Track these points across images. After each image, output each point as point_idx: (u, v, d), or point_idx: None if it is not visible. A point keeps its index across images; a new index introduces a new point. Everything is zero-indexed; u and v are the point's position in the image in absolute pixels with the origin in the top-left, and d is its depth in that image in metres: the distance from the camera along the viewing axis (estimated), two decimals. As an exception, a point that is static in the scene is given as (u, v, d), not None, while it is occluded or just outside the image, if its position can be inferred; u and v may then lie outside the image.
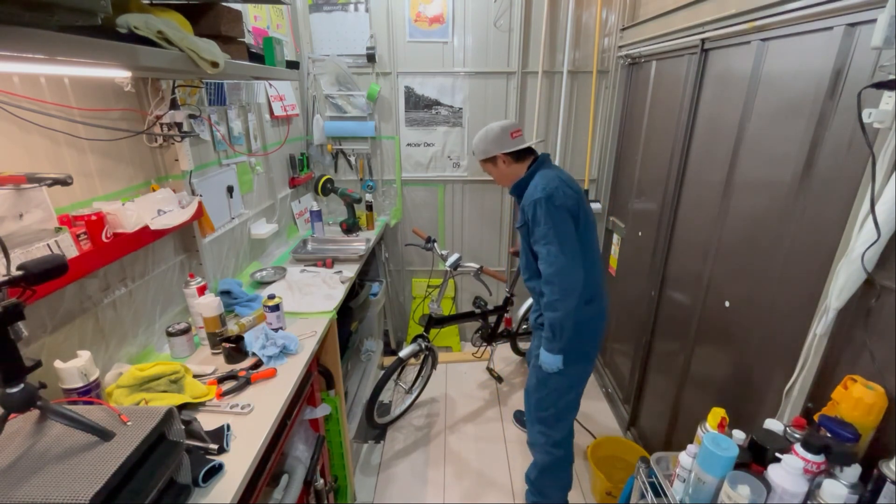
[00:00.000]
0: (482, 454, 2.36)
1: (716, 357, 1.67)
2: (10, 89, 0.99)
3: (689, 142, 1.84)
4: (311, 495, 1.58)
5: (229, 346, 1.38)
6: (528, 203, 1.56)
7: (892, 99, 0.90)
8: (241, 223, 2.00)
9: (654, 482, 1.16)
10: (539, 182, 1.58)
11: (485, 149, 1.70)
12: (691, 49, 1.81)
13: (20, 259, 0.88)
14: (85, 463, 0.74)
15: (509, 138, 1.66)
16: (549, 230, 1.52)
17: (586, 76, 2.72)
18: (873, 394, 0.94)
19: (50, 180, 0.97)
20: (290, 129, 2.54)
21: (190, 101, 1.59)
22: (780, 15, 1.30)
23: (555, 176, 1.60)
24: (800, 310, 1.23)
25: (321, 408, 1.65)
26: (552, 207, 1.51)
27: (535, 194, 1.55)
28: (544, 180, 1.58)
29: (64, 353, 1.09)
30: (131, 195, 1.35)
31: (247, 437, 1.08)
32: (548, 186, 1.54)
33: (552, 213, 1.52)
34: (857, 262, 0.95)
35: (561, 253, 1.52)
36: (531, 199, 1.54)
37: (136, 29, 0.85)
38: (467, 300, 3.24)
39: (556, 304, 1.55)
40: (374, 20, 2.63)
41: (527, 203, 1.56)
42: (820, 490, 0.89)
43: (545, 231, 1.52)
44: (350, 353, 2.72)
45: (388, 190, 3.01)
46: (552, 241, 1.52)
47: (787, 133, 1.31)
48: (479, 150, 1.72)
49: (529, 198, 1.56)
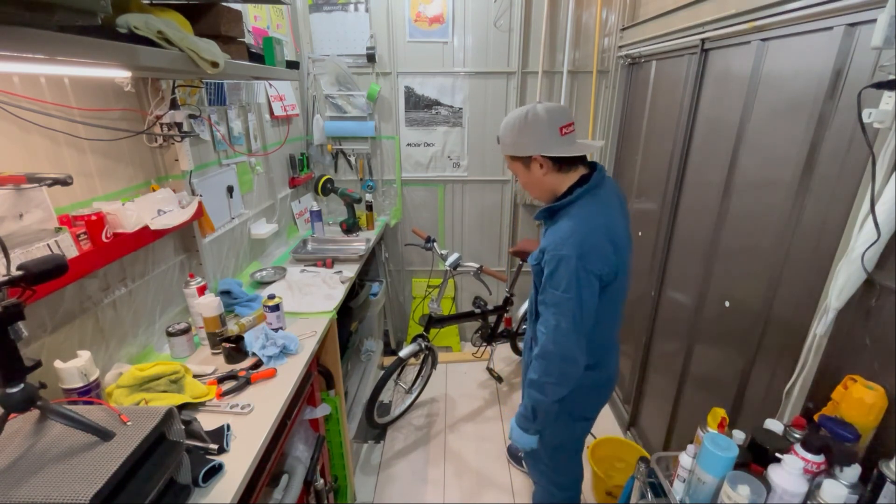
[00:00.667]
0: (482, 454, 2.36)
1: (716, 357, 1.67)
2: (10, 89, 0.99)
3: (689, 142, 1.84)
4: (311, 495, 1.58)
5: (229, 346, 1.38)
6: (552, 254, 1.17)
7: (892, 99, 0.90)
8: (241, 223, 2.00)
9: (654, 482, 1.16)
10: (577, 228, 1.17)
11: (517, 142, 1.23)
12: (691, 49, 1.81)
13: (20, 259, 0.88)
14: (85, 463, 0.74)
15: (557, 135, 1.19)
16: (569, 301, 1.16)
17: (586, 76, 2.72)
18: (873, 394, 0.94)
19: (50, 180, 0.97)
20: (290, 129, 2.54)
21: (190, 101, 1.59)
22: (780, 15, 1.30)
23: (601, 223, 1.19)
24: (800, 310, 1.23)
25: (321, 408, 1.65)
26: (582, 271, 1.14)
27: (563, 247, 1.15)
28: (585, 226, 1.17)
29: (64, 353, 1.09)
30: (131, 195, 1.35)
31: (247, 437, 1.08)
32: (585, 241, 1.15)
33: (580, 280, 1.15)
34: (857, 262, 0.95)
35: (572, 330, 1.18)
36: (557, 252, 1.16)
37: (136, 29, 0.85)
38: (467, 300, 3.24)
39: (546, 387, 1.26)
40: (374, 20, 2.63)
41: (551, 253, 1.18)
42: (820, 490, 0.89)
43: (561, 298, 1.17)
44: (350, 353, 2.72)
45: (388, 190, 3.01)
46: (566, 312, 1.17)
47: (787, 133, 1.30)
48: (509, 143, 1.25)
49: (555, 248, 1.17)
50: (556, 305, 1.19)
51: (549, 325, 1.21)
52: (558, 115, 1.20)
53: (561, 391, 1.27)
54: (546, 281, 1.21)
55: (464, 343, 3.35)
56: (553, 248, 1.18)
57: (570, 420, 1.44)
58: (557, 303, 1.19)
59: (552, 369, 1.24)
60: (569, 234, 1.17)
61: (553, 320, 1.20)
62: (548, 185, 1.27)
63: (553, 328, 1.20)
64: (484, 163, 2.95)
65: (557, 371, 1.24)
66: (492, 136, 2.87)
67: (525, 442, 1.38)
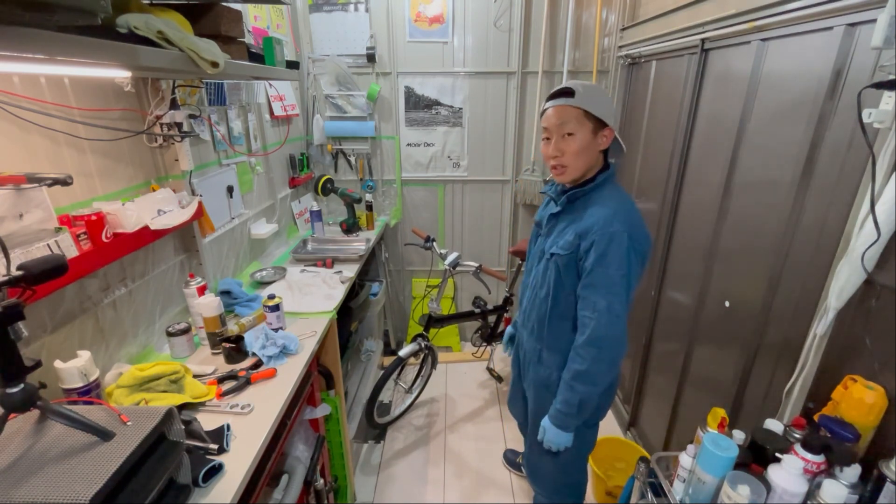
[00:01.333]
0: (482, 453, 2.36)
1: (716, 357, 1.67)
2: (10, 89, 0.99)
3: (689, 142, 1.84)
4: (311, 495, 1.58)
5: (229, 346, 1.38)
6: (599, 232, 1.16)
7: (892, 99, 0.90)
8: (241, 223, 2.00)
9: (654, 482, 1.16)
10: (618, 207, 1.19)
11: (608, 110, 1.21)
12: (691, 49, 1.81)
13: (20, 259, 0.88)
14: (85, 463, 0.74)
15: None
16: (623, 279, 1.15)
17: (586, 76, 2.72)
18: (873, 394, 0.94)
19: (50, 180, 0.97)
20: (290, 129, 2.54)
21: (190, 101, 1.59)
22: (780, 15, 1.30)
23: (632, 205, 1.22)
24: (800, 310, 1.23)
25: (321, 408, 1.65)
26: (633, 251, 1.15)
27: (613, 224, 1.16)
28: (624, 207, 1.20)
29: (64, 353, 1.09)
30: (131, 195, 1.35)
31: (247, 437, 1.08)
32: (631, 218, 1.17)
33: (631, 258, 1.15)
34: (857, 262, 0.95)
35: (624, 313, 1.17)
36: (607, 229, 1.15)
37: (136, 29, 0.85)
38: (467, 299, 3.23)
39: (600, 376, 1.22)
40: (374, 20, 2.63)
41: (597, 231, 1.16)
42: (820, 490, 0.89)
43: (617, 278, 1.15)
44: (350, 353, 2.72)
45: (388, 190, 3.01)
46: (621, 293, 1.15)
47: (787, 133, 1.30)
48: (598, 102, 1.20)
49: (604, 226, 1.16)
50: (610, 285, 1.15)
51: (601, 307, 1.17)
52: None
53: (611, 377, 1.24)
54: (595, 263, 1.17)
55: (464, 343, 3.35)
56: (601, 226, 1.16)
57: (585, 428, 1.41)
58: (611, 282, 1.15)
59: (604, 356, 1.19)
60: (612, 212, 1.17)
61: (604, 301, 1.16)
62: (594, 160, 1.25)
63: (605, 310, 1.16)
64: (484, 163, 2.95)
65: (609, 357, 1.20)
66: (492, 137, 2.88)
67: (562, 441, 1.32)
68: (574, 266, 1.23)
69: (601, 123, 1.21)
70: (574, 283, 1.25)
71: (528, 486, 2.15)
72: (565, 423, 1.30)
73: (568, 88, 1.20)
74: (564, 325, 1.32)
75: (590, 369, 1.22)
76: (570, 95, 1.20)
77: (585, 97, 1.19)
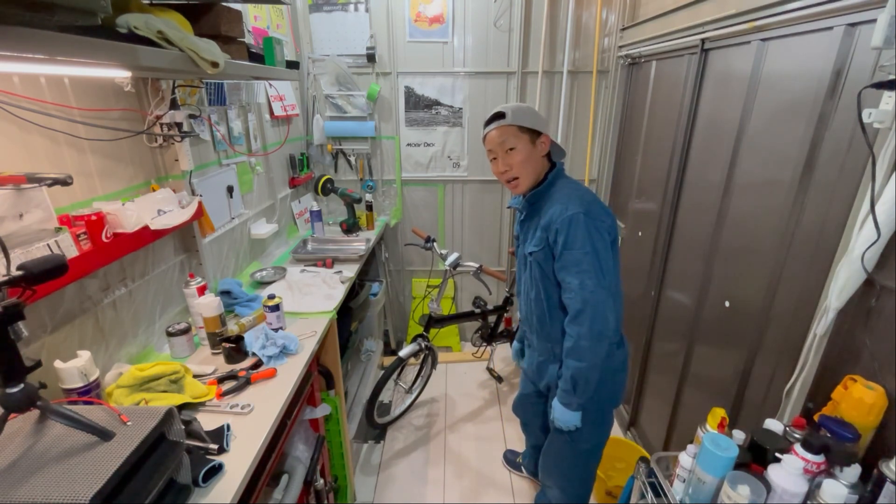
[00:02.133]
0: (482, 453, 2.36)
1: (716, 357, 1.67)
2: (10, 89, 0.99)
3: (689, 142, 1.84)
4: (311, 495, 1.58)
5: (229, 346, 1.38)
6: (559, 220, 1.26)
7: (892, 99, 0.90)
8: (241, 223, 2.00)
9: (654, 482, 1.16)
10: (571, 193, 1.29)
11: (536, 121, 1.34)
12: (691, 49, 1.81)
13: (20, 259, 0.88)
14: (85, 463, 0.74)
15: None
16: (587, 255, 1.22)
17: (586, 76, 2.72)
18: (873, 394, 0.94)
19: (50, 180, 0.97)
20: (290, 129, 2.54)
21: (190, 101, 1.59)
22: (780, 15, 1.30)
23: (586, 189, 1.33)
24: (800, 310, 1.23)
25: (321, 408, 1.65)
26: (592, 227, 1.23)
27: (568, 209, 1.25)
28: (577, 192, 1.30)
29: (64, 353, 1.09)
30: (131, 195, 1.35)
31: (247, 437, 1.08)
32: (584, 199, 1.27)
33: (592, 235, 1.23)
34: (857, 262, 0.95)
35: (599, 286, 1.23)
36: (564, 214, 1.25)
37: (136, 29, 0.85)
38: (467, 300, 3.24)
39: (584, 351, 1.28)
40: (374, 20, 2.63)
41: (557, 220, 1.26)
42: (820, 490, 0.89)
43: (580, 256, 1.23)
44: (350, 353, 2.72)
45: (388, 190, 3.01)
46: (588, 269, 1.23)
47: (787, 133, 1.30)
48: (526, 117, 1.33)
49: (560, 213, 1.26)
50: (577, 264, 1.24)
51: (573, 286, 1.25)
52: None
53: (599, 350, 1.28)
54: (561, 250, 1.27)
55: (464, 343, 3.35)
56: (559, 214, 1.27)
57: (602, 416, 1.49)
58: (577, 261, 1.23)
59: (584, 330, 1.26)
60: (567, 199, 1.28)
61: (576, 280, 1.24)
62: (540, 167, 1.38)
63: (578, 287, 1.24)
64: (484, 163, 2.94)
65: (590, 329, 1.25)
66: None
67: (568, 419, 1.38)
68: (550, 258, 1.33)
69: (535, 133, 1.34)
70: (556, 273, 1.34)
71: (528, 487, 2.15)
72: (568, 400, 1.36)
73: (500, 112, 1.35)
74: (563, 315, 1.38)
75: (575, 345, 1.30)
76: (503, 117, 1.34)
77: (516, 115, 1.34)
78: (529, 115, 1.35)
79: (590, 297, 1.24)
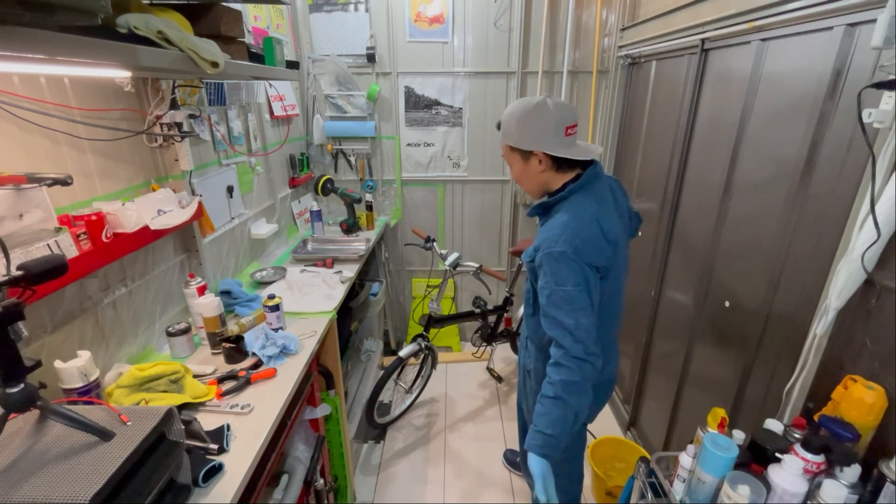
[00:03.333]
0: (482, 453, 2.36)
1: (716, 357, 1.67)
2: (10, 89, 0.99)
3: (689, 142, 1.84)
4: (311, 495, 1.58)
5: (229, 346, 1.38)
6: (546, 252, 1.15)
7: (892, 99, 0.90)
8: (241, 223, 2.00)
9: (654, 482, 1.16)
10: (569, 223, 1.15)
11: (520, 133, 1.19)
12: (691, 49, 1.81)
13: (20, 259, 0.88)
14: (85, 463, 0.74)
15: (562, 135, 1.17)
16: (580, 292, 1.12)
17: (586, 76, 2.72)
18: (873, 394, 0.94)
19: (50, 180, 0.97)
20: (290, 129, 2.54)
21: (190, 101, 1.59)
22: (780, 15, 1.30)
23: (591, 214, 1.17)
24: (800, 310, 1.23)
25: (321, 408, 1.65)
26: (582, 264, 1.12)
27: (556, 244, 1.13)
28: (576, 221, 1.15)
29: (64, 353, 1.09)
30: (131, 195, 1.35)
31: (247, 437, 1.08)
32: (578, 235, 1.13)
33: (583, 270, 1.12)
34: (857, 262, 0.95)
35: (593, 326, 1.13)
36: (552, 249, 1.13)
37: (136, 29, 0.85)
38: (467, 300, 3.23)
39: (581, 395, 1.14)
40: (374, 20, 2.63)
41: (545, 251, 1.15)
42: (820, 490, 0.89)
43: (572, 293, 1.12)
44: (350, 353, 2.72)
45: (388, 190, 3.01)
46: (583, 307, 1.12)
47: (787, 133, 1.30)
48: (512, 133, 1.21)
49: (550, 246, 1.14)
50: (570, 302, 1.12)
51: (567, 324, 1.12)
52: (566, 114, 1.17)
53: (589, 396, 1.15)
54: (550, 280, 1.15)
55: (464, 343, 3.35)
56: (547, 245, 1.15)
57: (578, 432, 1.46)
58: (570, 299, 1.12)
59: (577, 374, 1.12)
60: (560, 230, 1.15)
61: (571, 319, 1.12)
62: (541, 181, 1.26)
63: (573, 327, 1.11)
64: (484, 163, 2.95)
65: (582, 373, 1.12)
66: (492, 137, 2.87)
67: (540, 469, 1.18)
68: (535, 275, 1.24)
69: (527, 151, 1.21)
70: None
71: (527, 487, 2.15)
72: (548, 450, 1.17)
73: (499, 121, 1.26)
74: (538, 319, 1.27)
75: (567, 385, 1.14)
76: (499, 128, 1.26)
77: (506, 131, 1.23)
78: (515, 128, 1.21)
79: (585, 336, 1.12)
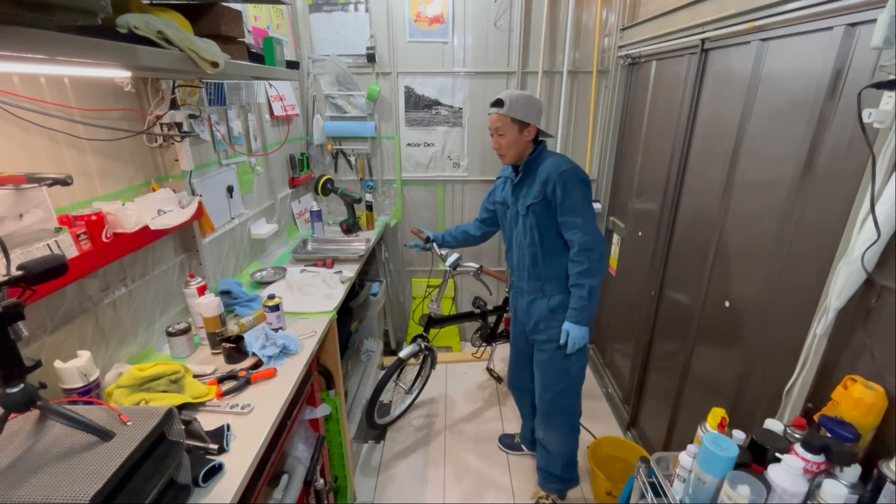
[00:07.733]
0: (482, 454, 2.36)
1: (716, 357, 1.67)
2: (10, 89, 0.99)
3: (689, 142, 1.84)
4: (311, 495, 1.58)
5: (229, 346, 1.38)
6: (555, 175, 1.59)
7: (892, 99, 0.90)
8: (241, 223, 2.00)
9: (654, 482, 1.16)
10: (559, 159, 1.64)
11: (528, 113, 1.63)
12: (691, 49, 1.81)
13: (20, 259, 0.88)
14: (85, 463, 0.74)
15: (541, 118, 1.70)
16: (582, 200, 1.59)
17: (586, 76, 2.72)
18: (873, 394, 0.94)
19: (50, 180, 0.97)
20: (290, 129, 2.54)
21: (190, 101, 1.59)
22: (779, 15, 1.30)
23: (567, 157, 1.69)
24: (800, 310, 1.23)
25: (321, 408, 1.65)
26: (579, 181, 1.59)
27: (561, 166, 1.60)
28: (563, 158, 1.66)
29: (64, 353, 1.09)
30: (131, 195, 1.35)
31: (247, 437, 1.08)
32: (571, 162, 1.64)
33: (580, 186, 1.59)
34: (857, 262, 0.95)
35: (595, 221, 1.62)
36: (558, 170, 1.59)
37: (136, 29, 0.85)
38: (467, 300, 3.23)
39: (596, 269, 1.61)
40: (374, 20, 2.63)
41: (553, 175, 1.59)
42: (820, 490, 0.89)
43: (577, 200, 1.58)
44: (350, 353, 2.72)
45: (388, 190, 3.01)
46: (586, 210, 1.60)
47: (787, 133, 1.31)
48: (521, 109, 1.62)
49: (555, 170, 1.59)
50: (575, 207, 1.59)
51: (578, 224, 1.59)
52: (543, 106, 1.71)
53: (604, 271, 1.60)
54: (561, 198, 1.59)
55: (464, 343, 3.35)
56: (555, 171, 1.59)
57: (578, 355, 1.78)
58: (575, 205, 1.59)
59: (595, 253, 1.60)
60: (557, 161, 1.62)
61: (580, 219, 1.59)
62: (522, 148, 1.69)
63: (582, 224, 1.59)
64: (484, 163, 2.95)
65: (599, 252, 1.60)
66: (492, 136, 2.87)
67: (584, 335, 1.66)
68: (547, 207, 1.64)
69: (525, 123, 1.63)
70: (551, 220, 1.66)
71: (528, 487, 2.15)
72: (581, 317, 1.64)
73: (500, 99, 1.63)
74: (554, 258, 1.70)
75: (588, 267, 1.61)
76: (501, 105, 1.62)
77: (511, 106, 1.61)
78: (523, 107, 1.61)
79: (592, 228, 1.60)
